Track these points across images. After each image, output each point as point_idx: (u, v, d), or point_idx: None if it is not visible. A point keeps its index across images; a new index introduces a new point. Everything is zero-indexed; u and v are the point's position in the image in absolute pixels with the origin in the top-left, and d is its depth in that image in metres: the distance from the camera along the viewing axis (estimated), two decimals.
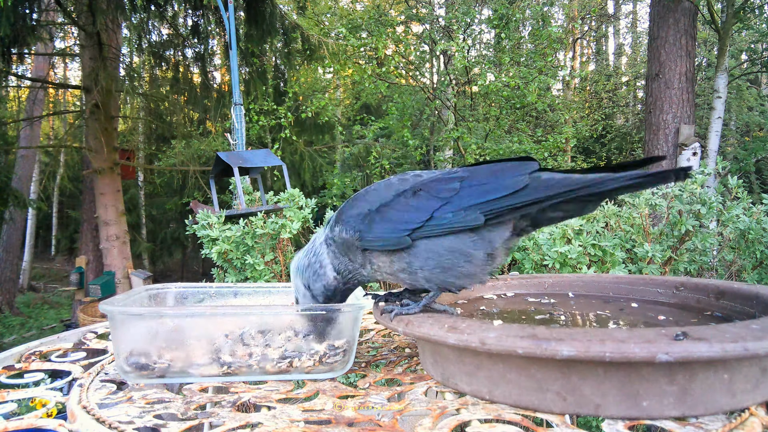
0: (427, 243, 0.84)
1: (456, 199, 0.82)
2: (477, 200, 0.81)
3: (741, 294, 0.91)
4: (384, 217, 0.86)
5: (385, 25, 8.16)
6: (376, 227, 0.86)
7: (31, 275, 12.86)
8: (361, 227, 0.87)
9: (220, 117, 7.79)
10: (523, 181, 0.80)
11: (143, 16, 7.29)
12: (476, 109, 9.02)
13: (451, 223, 0.81)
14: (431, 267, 0.83)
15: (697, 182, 2.18)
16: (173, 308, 1.05)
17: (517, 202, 0.79)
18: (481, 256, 0.83)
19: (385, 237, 0.85)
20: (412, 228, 0.83)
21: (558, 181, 0.78)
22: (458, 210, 0.81)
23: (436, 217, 0.82)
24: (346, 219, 0.89)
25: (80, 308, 6.13)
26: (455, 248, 0.83)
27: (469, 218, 0.81)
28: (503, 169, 0.84)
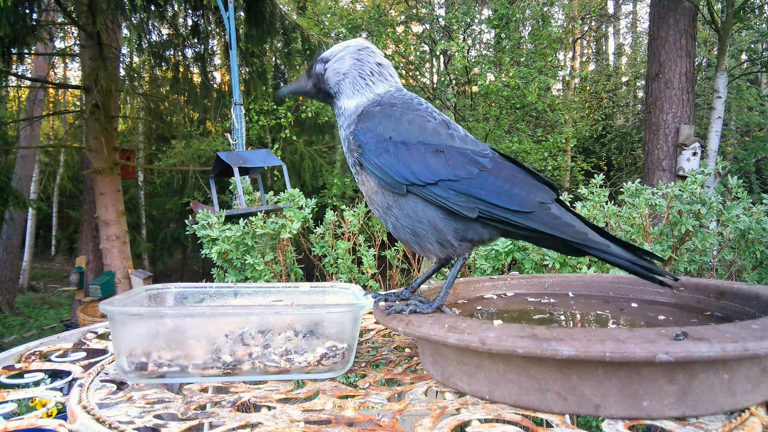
0: (416, 202, 0.84)
1: (465, 183, 0.82)
2: (483, 196, 0.81)
3: (741, 294, 0.91)
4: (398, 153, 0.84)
5: (385, 25, 8.16)
6: (384, 157, 0.85)
7: (31, 275, 12.85)
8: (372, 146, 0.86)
9: (220, 117, 7.79)
10: (533, 205, 0.80)
11: (143, 16, 7.29)
12: (476, 109, 9.02)
13: (447, 200, 0.81)
14: (403, 224, 0.85)
15: (697, 182, 2.18)
16: (173, 308, 1.05)
17: (513, 220, 0.80)
18: (453, 243, 0.84)
19: (387, 172, 0.84)
20: (412, 181, 0.83)
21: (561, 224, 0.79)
22: (462, 193, 0.81)
23: (440, 185, 0.82)
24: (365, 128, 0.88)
25: (80, 308, 6.13)
26: (436, 225, 0.83)
27: (465, 206, 0.81)
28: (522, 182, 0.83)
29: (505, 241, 2.16)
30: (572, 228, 0.78)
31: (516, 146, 7.76)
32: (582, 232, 0.78)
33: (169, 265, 13.86)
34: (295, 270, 2.49)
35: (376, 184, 0.87)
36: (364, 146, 0.87)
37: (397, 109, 0.90)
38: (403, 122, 0.87)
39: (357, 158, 0.89)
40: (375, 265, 2.45)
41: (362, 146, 0.87)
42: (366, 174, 0.89)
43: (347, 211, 2.52)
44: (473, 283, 1.16)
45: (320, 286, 1.17)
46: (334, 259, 2.45)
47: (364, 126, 0.89)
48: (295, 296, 1.16)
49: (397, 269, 2.60)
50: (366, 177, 0.89)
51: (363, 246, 2.48)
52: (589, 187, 2.36)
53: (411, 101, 0.92)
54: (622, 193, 2.29)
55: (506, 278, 1.20)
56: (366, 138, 0.87)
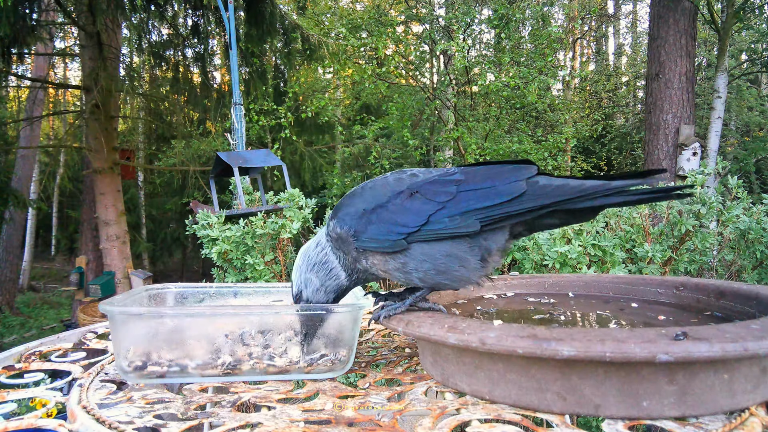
0: (423, 247, 0.84)
1: (452, 204, 0.82)
2: (474, 206, 0.81)
3: (741, 294, 0.91)
4: (380, 218, 0.85)
5: (385, 25, 8.15)
6: (372, 228, 0.85)
7: (31, 275, 12.85)
8: (357, 226, 0.87)
9: (220, 117, 7.79)
10: (521, 187, 0.79)
11: (143, 16, 7.28)
12: (476, 109, 9.01)
13: (447, 229, 0.81)
14: (426, 269, 0.84)
15: (697, 182, 2.18)
16: (173, 308, 1.05)
17: (513, 209, 0.79)
18: (476, 261, 0.83)
19: (381, 239, 0.85)
20: (407, 232, 0.83)
21: (555, 188, 0.78)
22: (454, 215, 0.81)
23: (433, 221, 0.82)
24: (343, 216, 0.89)
25: (80, 308, 6.13)
26: (451, 253, 0.83)
27: (465, 224, 0.80)
28: (500, 173, 0.83)
29: None
30: (567, 186, 0.77)
31: (516, 146, 7.75)
32: (577, 185, 0.77)
33: (169, 265, 13.85)
34: None
35: (381, 257, 0.87)
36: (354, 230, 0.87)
37: (356, 188, 0.93)
38: (366, 191, 0.90)
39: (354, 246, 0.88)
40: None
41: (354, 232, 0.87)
42: (369, 255, 0.88)
43: None
44: None
45: None
46: None
47: (340, 215, 0.90)
48: None
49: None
50: (371, 258, 0.88)
51: None
52: None
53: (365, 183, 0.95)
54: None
55: (506, 278, 1.20)
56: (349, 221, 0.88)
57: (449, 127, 8.29)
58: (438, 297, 1.03)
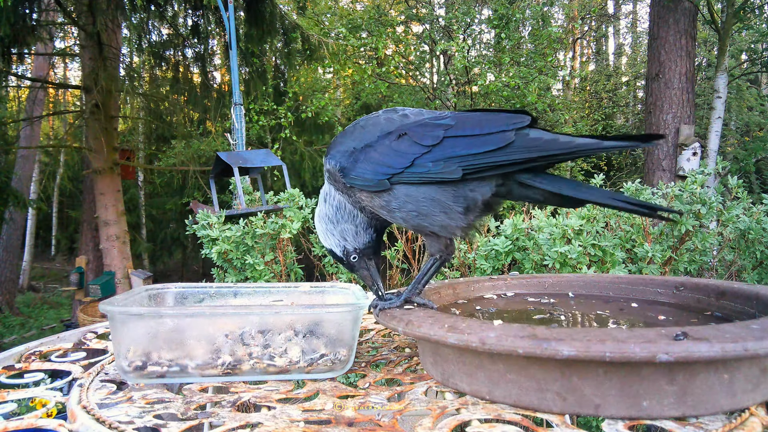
0: (407, 188, 0.84)
1: (438, 149, 0.82)
2: (458, 152, 0.80)
3: (741, 294, 0.91)
4: (367, 156, 0.87)
5: (385, 25, 8.15)
6: (359, 166, 0.87)
7: (31, 275, 12.85)
8: (346, 164, 0.89)
9: (220, 117, 7.78)
10: (509, 137, 0.77)
11: (143, 16, 7.28)
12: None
13: (429, 174, 0.81)
14: (408, 210, 0.85)
15: (697, 182, 2.18)
16: (173, 308, 1.05)
17: (497, 160, 0.77)
18: (459, 210, 0.83)
19: (366, 177, 0.86)
20: (391, 173, 0.84)
21: (545, 142, 0.76)
22: (438, 160, 0.81)
23: (417, 164, 0.82)
24: (333, 153, 0.92)
25: (80, 308, 6.13)
26: (433, 197, 0.83)
27: (446, 171, 0.80)
28: (491, 120, 0.82)
29: (505, 240, 2.16)
30: (557, 142, 0.75)
31: None
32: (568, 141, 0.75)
33: (169, 265, 13.85)
34: (295, 270, 2.49)
35: (367, 194, 0.89)
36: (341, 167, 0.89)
37: (349, 126, 0.94)
38: (357, 130, 0.92)
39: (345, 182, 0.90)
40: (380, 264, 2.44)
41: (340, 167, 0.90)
42: (357, 191, 0.90)
43: None
44: (473, 283, 1.16)
45: (320, 286, 1.17)
46: None
47: (331, 153, 0.92)
48: (295, 296, 1.16)
49: (397, 269, 2.60)
50: (359, 194, 0.90)
51: None
52: None
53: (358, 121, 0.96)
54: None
55: (506, 278, 1.20)
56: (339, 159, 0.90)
57: None
58: (438, 297, 1.03)
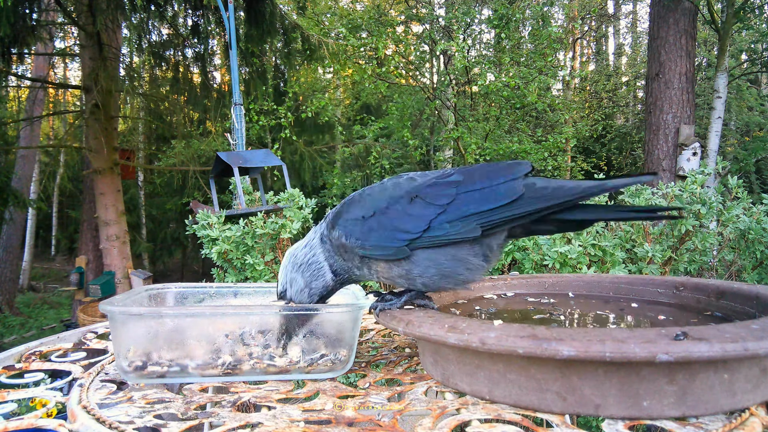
0: (427, 253, 0.83)
1: (452, 208, 0.81)
2: (473, 210, 0.80)
3: (741, 294, 0.91)
4: (381, 224, 0.85)
5: (385, 25, 8.15)
6: (374, 235, 0.85)
7: (31, 275, 12.85)
8: (359, 235, 0.86)
9: (220, 117, 7.78)
10: (519, 189, 0.79)
11: (143, 16, 7.28)
12: (476, 109, 9.02)
13: (449, 235, 0.81)
14: (431, 275, 0.84)
15: (697, 182, 2.18)
16: (173, 308, 1.05)
17: (513, 214, 0.79)
18: (480, 263, 0.84)
19: (384, 246, 0.84)
20: (410, 239, 0.82)
21: (553, 190, 0.78)
22: (455, 220, 0.81)
23: (434, 227, 0.81)
24: (344, 224, 0.89)
25: (80, 308, 6.12)
26: (455, 257, 0.83)
27: (466, 230, 0.80)
28: (497, 171, 0.83)
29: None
30: (564, 188, 0.78)
31: (516, 146, 7.75)
32: (574, 186, 0.77)
33: (169, 265, 13.84)
34: None
35: (385, 265, 0.86)
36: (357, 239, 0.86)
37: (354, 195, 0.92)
38: (365, 198, 0.89)
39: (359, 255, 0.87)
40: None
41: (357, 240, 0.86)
42: (373, 263, 0.87)
43: None
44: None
45: None
46: None
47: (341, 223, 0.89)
48: None
49: None
50: (375, 266, 0.88)
51: None
52: None
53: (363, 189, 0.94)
54: (622, 193, 2.29)
55: (506, 278, 1.20)
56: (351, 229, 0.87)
57: (449, 127, 8.29)
58: (438, 297, 1.03)
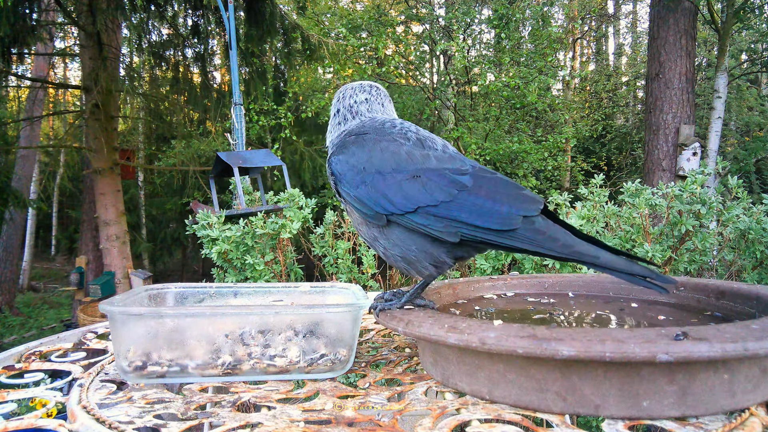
0: (400, 230, 0.83)
1: (443, 207, 0.80)
2: (462, 218, 0.78)
3: (741, 294, 0.91)
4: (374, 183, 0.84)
5: (385, 25, 8.16)
6: (362, 189, 0.84)
7: (31, 275, 12.85)
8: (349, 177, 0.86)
9: (220, 117, 7.78)
10: (514, 223, 0.76)
11: (143, 16, 7.28)
12: (476, 109, 9.02)
13: (429, 228, 0.80)
14: (394, 253, 0.85)
15: (697, 182, 2.18)
16: (173, 308, 1.05)
17: (495, 241, 0.77)
18: (447, 263, 0.84)
19: (365, 203, 0.84)
20: (392, 211, 0.82)
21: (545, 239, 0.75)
22: (441, 218, 0.79)
23: (419, 213, 0.80)
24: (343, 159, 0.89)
25: (80, 308, 6.13)
26: (425, 250, 0.83)
27: (445, 231, 0.79)
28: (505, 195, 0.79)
29: None
30: (557, 242, 0.74)
31: (516, 146, 7.75)
32: (568, 245, 0.74)
33: (169, 265, 13.85)
34: (295, 270, 2.49)
35: (358, 215, 0.87)
36: (340, 177, 0.88)
37: (369, 136, 0.89)
38: (376, 151, 0.87)
39: (338, 189, 0.89)
40: (375, 265, 2.45)
41: (338, 177, 0.88)
42: (348, 205, 0.89)
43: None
44: (473, 283, 1.16)
45: (320, 286, 1.17)
46: (334, 259, 2.45)
47: (339, 157, 0.89)
48: (295, 296, 1.16)
49: (397, 269, 2.60)
50: (349, 208, 0.89)
51: (363, 246, 2.48)
52: (589, 187, 2.36)
53: (383, 126, 0.91)
54: (622, 193, 2.29)
55: (506, 278, 1.20)
56: (342, 169, 0.87)
57: (449, 127, 8.29)
58: (438, 297, 1.03)
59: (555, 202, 2.37)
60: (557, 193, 2.50)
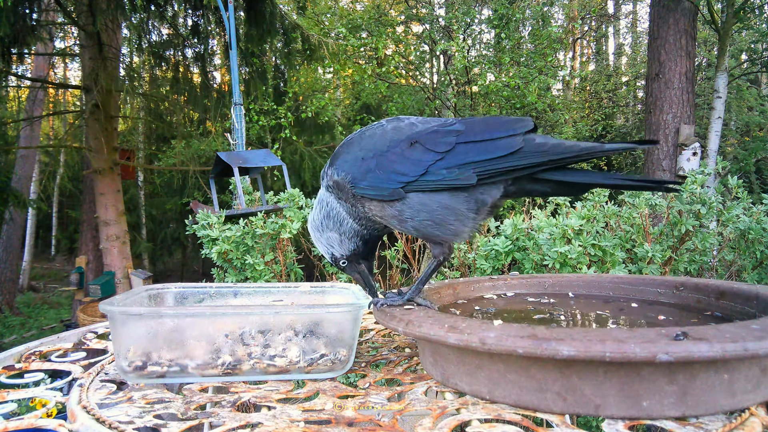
0: (420, 196, 0.85)
1: (451, 156, 0.83)
2: (472, 158, 0.82)
3: (741, 294, 0.91)
4: (379, 165, 0.86)
5: (385, 25, 8.16)
6: (371, 175, 0.87)
7: (31, 275, 12.85)
8: (355, 173, 0.88)
9: (220, 117, 7.78)
10: (518, 143, 0.80)
11: (143, 16, 7.28)
12: (476, 109, 9.01)
13: (445, 180, 0.82)
14: (422, 219, 0.85)
15: (697, 182, 2.18)
16: (173, 308, 1.05)
17: (510, 165, 0.80)
18: (471, 215, 0.85)
19: (380, 186, 0.86)
20: (406, 181, 0.84)
21: (551, 146, 0.79)
22: (452, 167, 0.82)
23: (431, 171, 0.83)
24: (340, 164, 0.91)
25: (80, 308, 6.12)
26: (447, 205, 0.84)
27: (462, 177, 0.82)
28: (499, 124, 0.84)
29: (505, 240, 2.16)
30: (562, 146, 0.79)
31: None
32: (571, 145, 0.79)
33: (169, 265, 13.84)
34: (295, 270, 2.49)
35: (378, 204, 0.88)
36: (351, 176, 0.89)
37: (353, 137, 0.93)
38: (364, 139, 0.91)
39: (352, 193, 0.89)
40: (375, 265, 2.45)
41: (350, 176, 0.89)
42: (367, 201, 0.90)
43: None
44: (473, 283, 1.16)
45: (320, 286, 1.17)
46: None
47: (338, 163, 0.91)
48: (295, 296, 1.16)
49: (397, 269, 2.60)
50: (369, 204, 0.90)
51: None
52: None
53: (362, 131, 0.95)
54: (622, 193, 2.28)
55: (506, 278, 1.20)
56: (347, 168, 0.89)
57: None
58: (438, 297, 1.03)
59: (555, 202, 2.37)
60: None
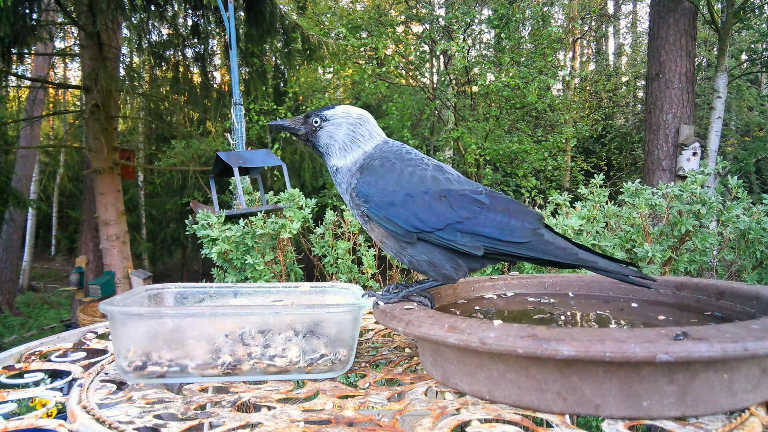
0: (427, 246, 0.90)
1: (469, 223, 0.88)
2: (486, 233, 0.87)
3: (741, 294, 0.91)
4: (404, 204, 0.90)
5: (385, 25, 8.16)
6: (392, 210, 0.90)
7: (31, 275, 12.85)
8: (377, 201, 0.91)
9: (220, 117, 7.78)
10: (528, 235, 0.86)
11: (143, 16, 7.28)
12: (476, 109, 9.01)
13: (454, 242, 0.88)
14: (421, 259, 0.91)
15: (697, 182, 2.18)
16: (173, 308, 1.05)
17: (515, 252, 0.87)
18: (466, 269, 0.92)
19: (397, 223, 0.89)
20: (423, 229, 0.88)
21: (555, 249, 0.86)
22: (467, 233, 0.87)
23: (447, 230, 0.88)
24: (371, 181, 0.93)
25: (80, 308, 6.12)
26: (450, 258, 0.90)
27: (471, 245, 0.87)
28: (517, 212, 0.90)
29: None
30: (565, 251, 0.85)
31: (516, 146, 7.75)
32: (573, 253, 0.85)
33: (169, 265, 13.84)
34: (295, 270, 2.49)
35: (384, 231, 0.92)
36: (370, 199, 0.92)
37: (396, 163, 0.95)
38: (404, 174, 0.93)
39: (364, 211, 0.94)
40: (375, 265, 2.45)
41: (368, 199, 0.92)
42: (374, 224, 0.94)
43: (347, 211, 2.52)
44: (473, 283, 1.16)
45: (320, 286, 1.17)
46: (334, 259, 2.45)
47: (367, 180, 0.94)
48: (295, 296, 1.16)
49: (397, 269, 2.60)
50: (375, 226, 0.94)
51: (363, 246, 2.48)
52: (589, 187, 2.36)
53: (401, 151, 0.98)
54: (622, 193, 2.29)
55: (506, 278, 1.20)
56: (371, 191, 0.92)
57: (449, 127, 8.30)
58: (438, 297, 1.03)
59: (555, 202, 2.37)
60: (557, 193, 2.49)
